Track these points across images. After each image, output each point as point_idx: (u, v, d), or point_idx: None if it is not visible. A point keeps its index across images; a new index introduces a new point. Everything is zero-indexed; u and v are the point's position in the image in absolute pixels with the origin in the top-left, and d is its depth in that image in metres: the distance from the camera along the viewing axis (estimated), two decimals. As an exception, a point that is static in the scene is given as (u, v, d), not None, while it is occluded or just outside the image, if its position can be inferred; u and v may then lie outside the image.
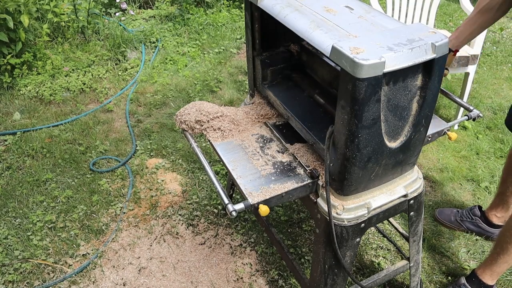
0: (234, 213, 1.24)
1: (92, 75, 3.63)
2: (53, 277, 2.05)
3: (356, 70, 1.02)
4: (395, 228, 2.11)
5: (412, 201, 1.49)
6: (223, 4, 4.86)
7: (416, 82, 1.17)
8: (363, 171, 1.28)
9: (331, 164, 1.29)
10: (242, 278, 2.04)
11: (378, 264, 2.09)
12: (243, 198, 1.35)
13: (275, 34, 1.71)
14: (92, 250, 2.18)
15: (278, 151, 1.55)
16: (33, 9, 3.53)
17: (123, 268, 2.09)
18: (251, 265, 2.10)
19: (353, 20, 1.27)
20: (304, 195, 1.44)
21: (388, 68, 1.05)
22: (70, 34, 3.97)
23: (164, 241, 2.22)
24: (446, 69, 1.79)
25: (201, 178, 2.61)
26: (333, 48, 1.08)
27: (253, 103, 1.78)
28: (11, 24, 3.27)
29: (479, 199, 2.48)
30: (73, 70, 3.65)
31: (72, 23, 4.02)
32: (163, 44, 4.12)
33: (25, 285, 2.01)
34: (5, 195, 2.48)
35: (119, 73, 3.71)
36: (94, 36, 4.06)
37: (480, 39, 2.90)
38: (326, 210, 1.32)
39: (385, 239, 2.21)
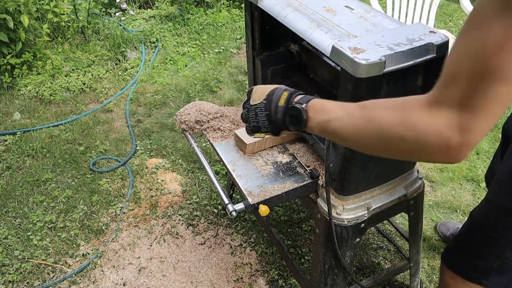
0: (234, 213, 1.24)
1: (92, 75, 3.63)
2: (53, 277, 2.05)
3: (356, 70, 1.02)
4: (395, 228, 2.11)
5: (412, 201, 1.49)
6: (223, 4, 4.86)
7: (416, 82, 1.17)
8: (363, 171, 1.28)
9: (331, 164, 1.28)
10: (242, 278, 2.04)
11: (378, 264, 2.09)
12: (243, 198, 1.35)
13: (275, 34, 1.71)
14: (92, 250, 2.18)
15: (278, 151, 1.55)
16: (33, 9, 3.53)
17: (123, 268, 2.09)
18: (251, 265, 2.10)
19: (353, 20, 1.27)
20: (304, 195, 1.44)
21: (388, 68, 1.05)
22: (70, 34, 3.97)
23: (164, 241, 2.22)
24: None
25: (201, 178, 2.61)
26: (333, 48, 1.08)
27: (253, 103, 1.77)
28: (11, 24, 3.27)
29: (479, 199, 2.48)
30: (73, 70, 3.65)
31: (72, 23, 4.02)
32: (163, 44, 4.12)
33: (25, 285, 2.01)
34: (5, 195, 2.47)
35: (119, 73, 3.71)
36: (94, 36, 4.06)
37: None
38: (326, 210, 1.32)
39: (385, 239, 2.21)
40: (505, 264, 1.22)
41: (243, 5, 4.80)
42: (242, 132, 1.52)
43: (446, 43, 1.12)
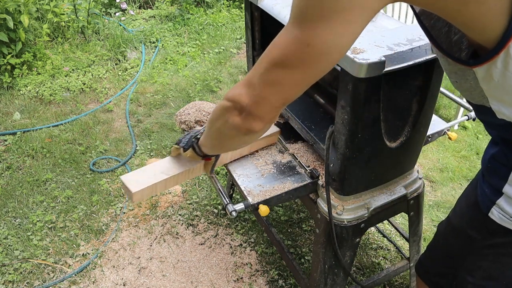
0: (234, 213, 1.24)
1: (92, 75, 3.63)
2: (53, 277, 2.05)
3: (356, 70, 1.03)
4: (395, 228, 2.11)
5: (412, 201, 1.49)
6: (223, 4, 4.86)
7: (416, 82, 1.17)
8: (363, 171, 1.28)
9: (331, 164, 1.28)
10: (242, 278, 2.04)
11: (378, 264, 2.09)
12: (243, 198, 1.35)
13: (275, 34, 1.71)
14: (92, 250, 2.18)
15: (278, 151, 1.55)
16: (33, 9, 3.53)
17: (123, 268, 2.09)
18: (251, 265, 2.10)
19: (353, 20, 1.27)
20: (304, 195, 1.44)
21: (388, 68, 1.05)
22: (70, 34, 3.97)
23: (164, 241, 2.22)
24: None
25: (201, 178, 2.61)
26: (333, 48, 1.08)
27: (253, 103, 1.77)
28: (11, 24, 3.27)
29: (479, 199, 2.48)
30: (73, 70, 3.65)
31: (72, 23, 4.02)
32: (163, 44, 4.12)
33: (25, 285, 2.01)
34: (5, 195, 2.47)
35: (119, 73, 3.71)
36: (94, 36, 4.06)
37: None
38: (326, 210, 1.32)
39: (385, 239, 2.21)
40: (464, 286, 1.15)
41: (243, 5, 4.80)
42: (128, 179, 1.34)
43: (446, 43, 1.12)
